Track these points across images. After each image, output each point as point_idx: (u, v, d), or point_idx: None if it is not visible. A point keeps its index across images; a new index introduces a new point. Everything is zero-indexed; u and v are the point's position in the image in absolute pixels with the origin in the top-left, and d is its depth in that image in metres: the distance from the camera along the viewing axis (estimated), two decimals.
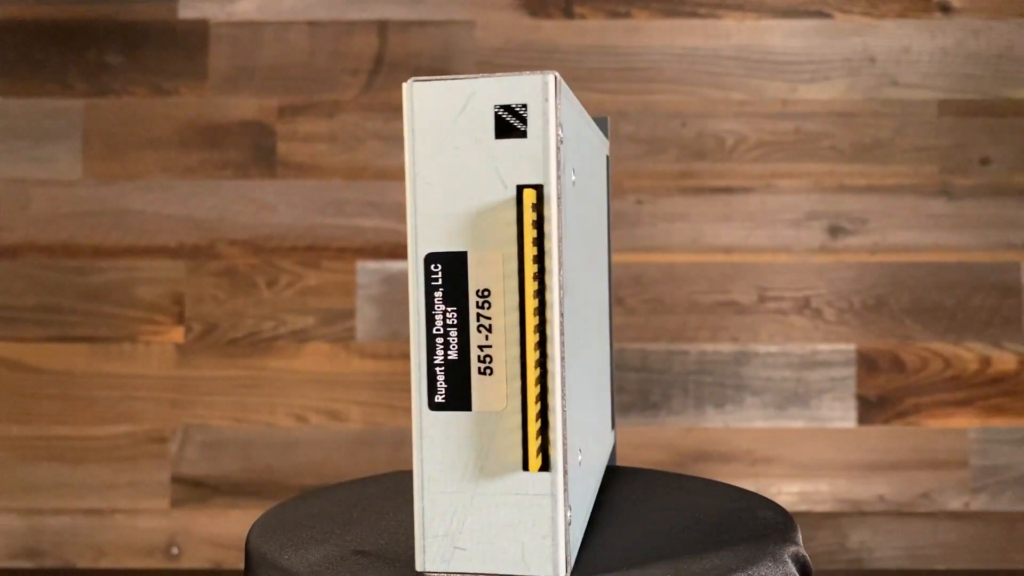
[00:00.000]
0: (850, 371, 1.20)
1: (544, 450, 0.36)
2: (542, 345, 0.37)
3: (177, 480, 1.20)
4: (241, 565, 1.19)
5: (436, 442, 0.38)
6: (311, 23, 1.22)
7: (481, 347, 0.37)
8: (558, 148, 0.36)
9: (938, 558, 1.19)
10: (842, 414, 1.20)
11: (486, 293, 0.37)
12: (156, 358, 1.21)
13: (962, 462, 1.19)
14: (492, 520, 0.37)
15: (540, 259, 0.36)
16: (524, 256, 0.35)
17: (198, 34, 1.22)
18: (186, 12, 1.22)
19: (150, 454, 1.21)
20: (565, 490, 0.36)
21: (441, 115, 0.37)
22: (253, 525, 0.49)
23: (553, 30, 1.22)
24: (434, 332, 0.37)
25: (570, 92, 0.40)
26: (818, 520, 1.19)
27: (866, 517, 1.20)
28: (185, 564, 1.20)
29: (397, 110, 1.22)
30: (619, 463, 1.10)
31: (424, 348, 0.38)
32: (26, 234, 1.22)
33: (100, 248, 1.22)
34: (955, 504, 1.19)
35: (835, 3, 1.22)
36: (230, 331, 1.21)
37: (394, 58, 1.22)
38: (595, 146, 0.51)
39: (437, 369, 0.38)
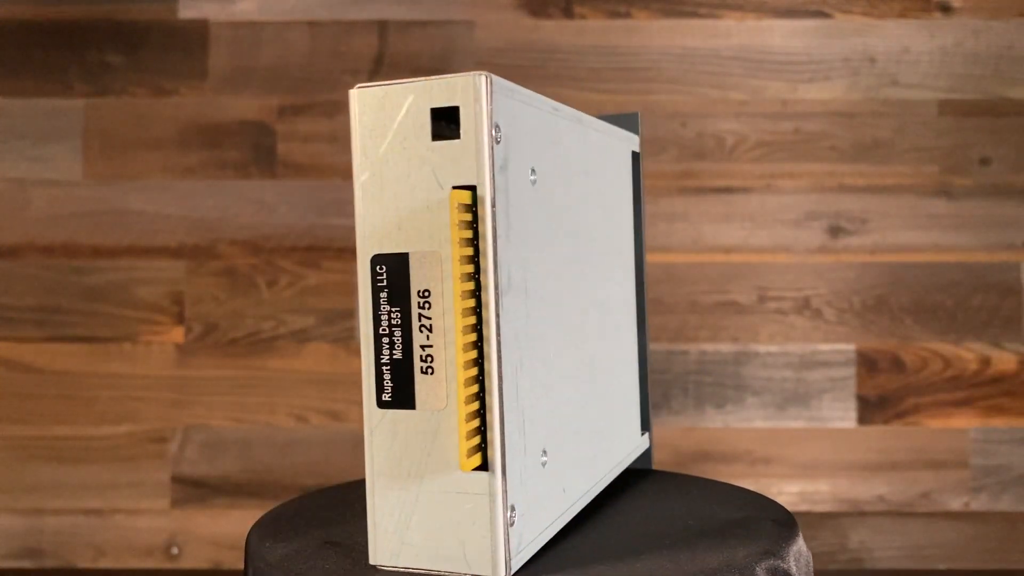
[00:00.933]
0: (850, 371, 1.20)
1: (483, 450, 0.37)
2: (480, 345, 0.37)
3: (177, 480, 1.20)
4: (241, 565, 1.19)
5: (384, 439, 0.39)
6: (311, 23, 1.22)
7: (423, 347, 0.38)
8: (491, 148, 0.37)
9: (938, 558, 1.19)
10: (842, 414, 1.20)
11: (427, 294, 0.38)
12: (156, 358, 1.21)
13: (962, 462, 1.19)
14: (436, 517, 0.38)
15: (477, 259, 0.37)
16: (454, 257, 0.36)
17: (198, 34, 1.22)
18: (186, 12, 1.23)
19: (150, 454, 1.21)
20: (504, 490, 0.37)
21: (383, 120, 0.38)
22: (255, 523, 0.51)
23: (553, 30, 1.22)
24: (380, 332, 0.38)
25: (523, 90, 0.40)
26: (818, 520, 1.19)
27: (866, 517, 1.20)
28: (185, 564, 1.20)
29: None
30: None
31: (372, 347, 0.39)
32: (26, 234, 1.22)
33: (100, 248, 1.22)
34: (955, 504, 1.19)
35: (835, 3, 1.22)
36: (230, 331, 1.21)
37: (394, 58, 1.22)
38: (595, 144, 0.51)
39: (384, 368, 0.38)
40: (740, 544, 0.44)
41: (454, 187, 0.37)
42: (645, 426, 0.59)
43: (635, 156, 0.59)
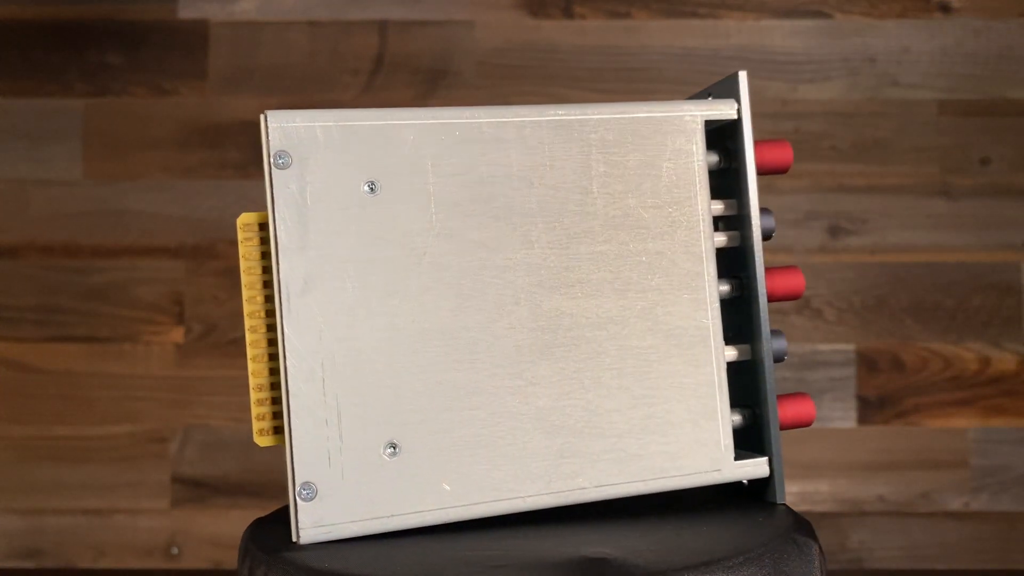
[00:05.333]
0: (850, 371, 1.20)
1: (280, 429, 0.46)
2: (280, 340, 0.45)
3: (177, 480, 1.20)
4: None
5: None
6: (311, 23, 1.22)
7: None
8: (271, 174, 0.45)
9: (938, 558, 1.19)
10: (842, 414, 1.20)
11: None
12: (156, 358, 1.21)
13: (962, 462, 1.19)
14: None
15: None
16: (242, 267, 0.46)
17: (198, 34, 1.22)
18: (186, 12, 1.23)
19: (150, 454, 1.21)
20: (292, 468, 0.45)
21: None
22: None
23: (553, 30, 1.22)
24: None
25: (353, 112, 0.46)
26: (818, 520, 1.19)
27: (866, 517, 1.20)
28: (185, 564, 1.20)
29: None
30: None
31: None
32: (26, 234, 1.22)
33: (100, 248, 1.22)
34: (955, 504, 1.19)
35: (835, 3, 1.22)
36: (230, 331, 1.21)
37: (394, 58, 1.22)
38: (584, 138, 0.49)
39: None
40: None
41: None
42: (761, 450, 0.52)
43: (725, 126, 0.53)
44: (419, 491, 0.46)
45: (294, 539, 0.45)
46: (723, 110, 0.53)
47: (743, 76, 0.52)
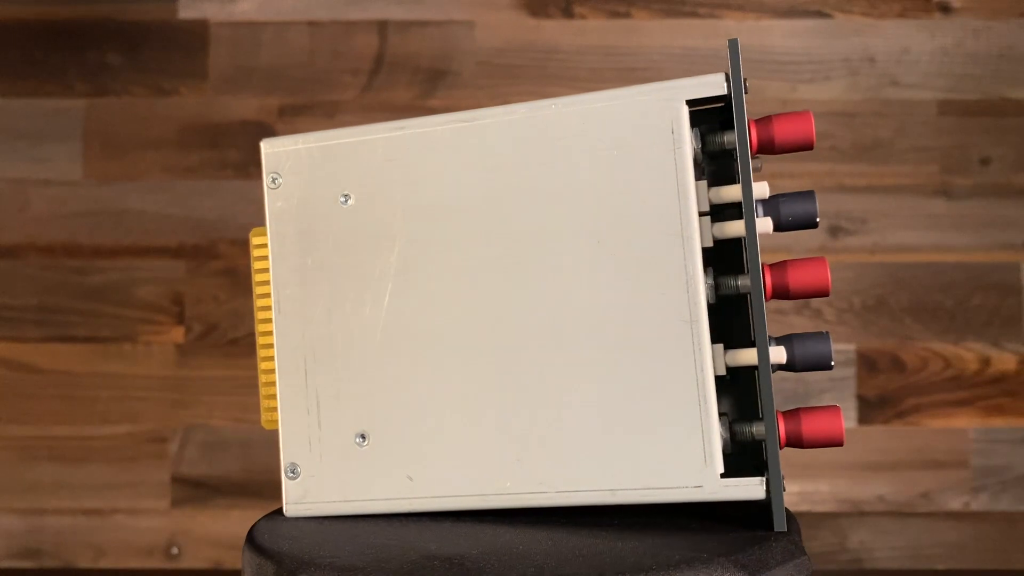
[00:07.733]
0: (850, 371, 1.20)
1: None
2: (274, 337, 0.52)
3: (177, 480, 1.20)
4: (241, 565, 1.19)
5: None
6: (311, 23, 1.22)
7: None
8: (267, 193, 0.52)
9: (938, 558, 1.19)
10: (842, 414, 1.20)
11: None
12: (156, 358, 1.21)
13: (962, 462, 1.19)
14: None
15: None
16: (253, 276, 0.53)
17: (198, 34, 1.22)
18: (186, 12, 1.23)
19: (150, 454, 1.21)
20: (282, 448, 0.51)
21: None
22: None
23: (553, 30, 1.22)
24: None
25: (332, 132, 0.51)
26: (818, 520, 1.20)
27: (866, 517, 1.20)
28: (185, 564, 1.20)
29: (397, 111, 1.22)
30: None
31: None
32: (26, 234, 1.22)
33: (100, 248, 1.22)
34: (955, 504, 1.19)
35: (835, 3, 1.22)
36: (230, 331, 1.21)
37: (394, 58, 1.22)
38: (542, 132, 0.48)
39: None
40: None
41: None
42: (757, 468, 0.47)
43: (712, 103, 0.48)
44: (386, 480, 0.50)
45: (284, 513, 0.51)
46: (709, 86, 0.48)
47: (734, 44, 0.46)
